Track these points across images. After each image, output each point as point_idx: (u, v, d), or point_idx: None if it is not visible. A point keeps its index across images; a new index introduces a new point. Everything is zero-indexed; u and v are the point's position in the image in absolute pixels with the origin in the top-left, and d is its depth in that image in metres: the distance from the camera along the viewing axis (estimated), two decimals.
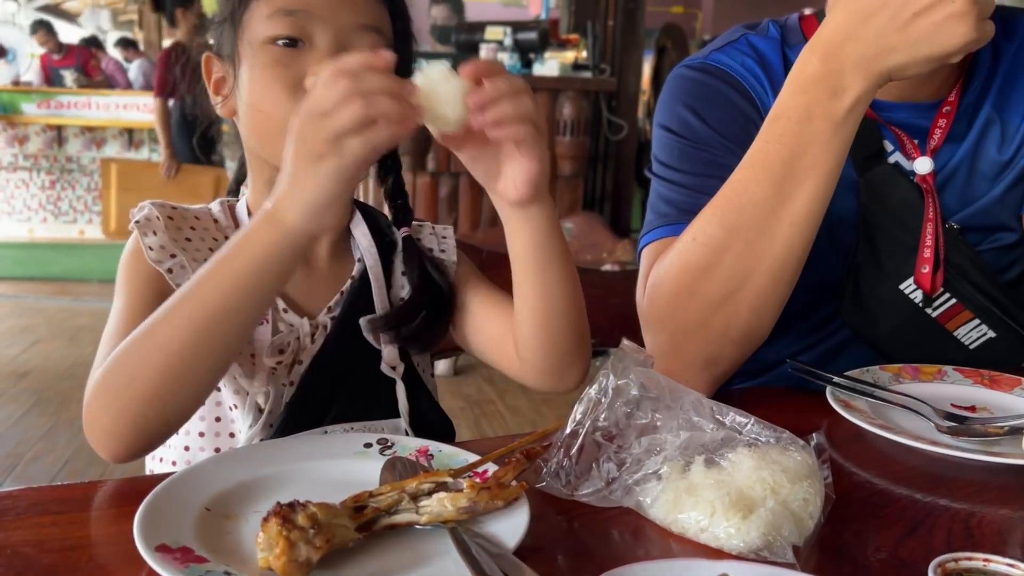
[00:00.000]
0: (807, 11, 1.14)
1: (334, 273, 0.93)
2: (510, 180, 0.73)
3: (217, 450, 0.86)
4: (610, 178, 4.77)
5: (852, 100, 0.82)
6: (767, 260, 0.86)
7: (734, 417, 0.70)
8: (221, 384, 0.85)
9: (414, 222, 0.98)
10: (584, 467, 0.68)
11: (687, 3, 12.55)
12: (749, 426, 0.69)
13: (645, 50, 5.03)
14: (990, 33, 0.77)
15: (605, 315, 1.56)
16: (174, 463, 0.87)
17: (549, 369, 0.85)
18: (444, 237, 0.99)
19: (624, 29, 4.62)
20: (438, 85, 0.66)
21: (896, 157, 1.04)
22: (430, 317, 0.91)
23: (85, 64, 7.31)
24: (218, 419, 0.87)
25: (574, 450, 0.69)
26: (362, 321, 0.89)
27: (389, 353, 0.90)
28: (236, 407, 0.85)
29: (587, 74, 4.43)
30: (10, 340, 4.19)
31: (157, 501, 0.59)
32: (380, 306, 0.91)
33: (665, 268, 0.93)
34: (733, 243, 0.87)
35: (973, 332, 1.02)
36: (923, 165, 1.02)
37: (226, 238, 0.89)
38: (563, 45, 4.92)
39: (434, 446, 0.71)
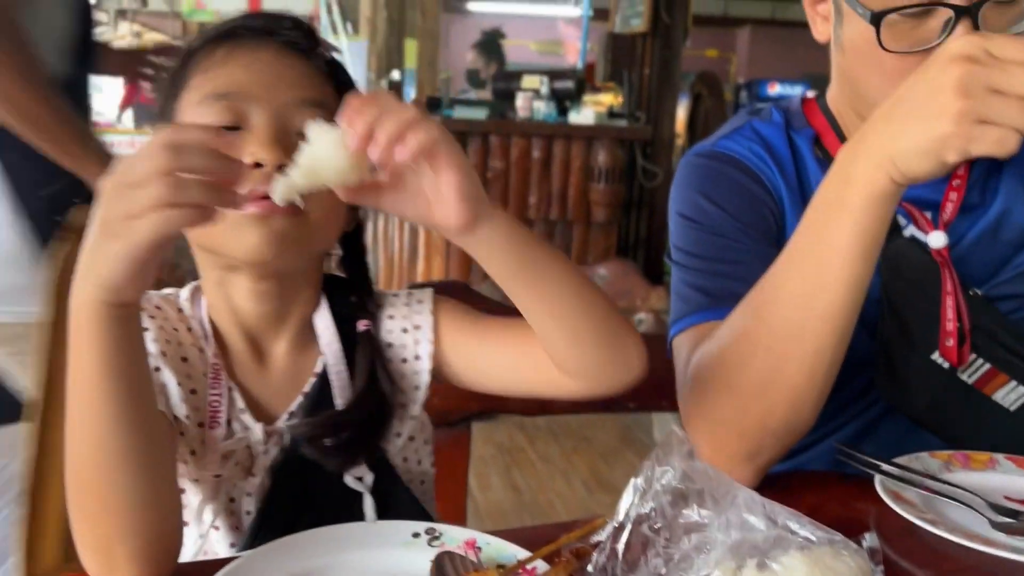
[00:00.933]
0: (809, 94, 1.16)
1: (297, 371, 0.87)
2: (443, 206, 0.66)
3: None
4: (644, 225, 4.77)
5: (864, 189, 0.80)
6: (798, 355, 0.85)
7: (786, 516, 0.69)
8: (184, 484, 0.82)
9: (390, 293, 0.94)
10: (631, 561, 0.67)
11: (721, 47, 12.63)
12: (801, 527, 0.68)
13: (680, 94, 5.06)
14: (983, 139, 0.73)
15: (644, 380, 1.56)
16: None
17: (599, 372, 0.80)
18: (420, 303, 0.92)
19: (660, 77, 4.65)
20: (315, 142, 0.63)
21: (911, 230, 1.05)
22: (361, 433, 0.84)
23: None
24: (186, 523, 0.83)
25: (620, 543, 0.69)
26: (281, 424, 0.83)
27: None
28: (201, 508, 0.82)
29: (622, 122, 4.47)
30: None
31: None
32: (343, 406, 0.85)
33: (703, 359, 0.93)
34: (763, 336, 0.87)
35: (1011, 394, 1.00)
36: (937, 239, 1.02)
37: (189, 329, 0.86)
38: (598, 90, 4.96)
39: (482, 538, 0.71)
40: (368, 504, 0.82)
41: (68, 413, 0.64)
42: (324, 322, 0.88)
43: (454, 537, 0.71)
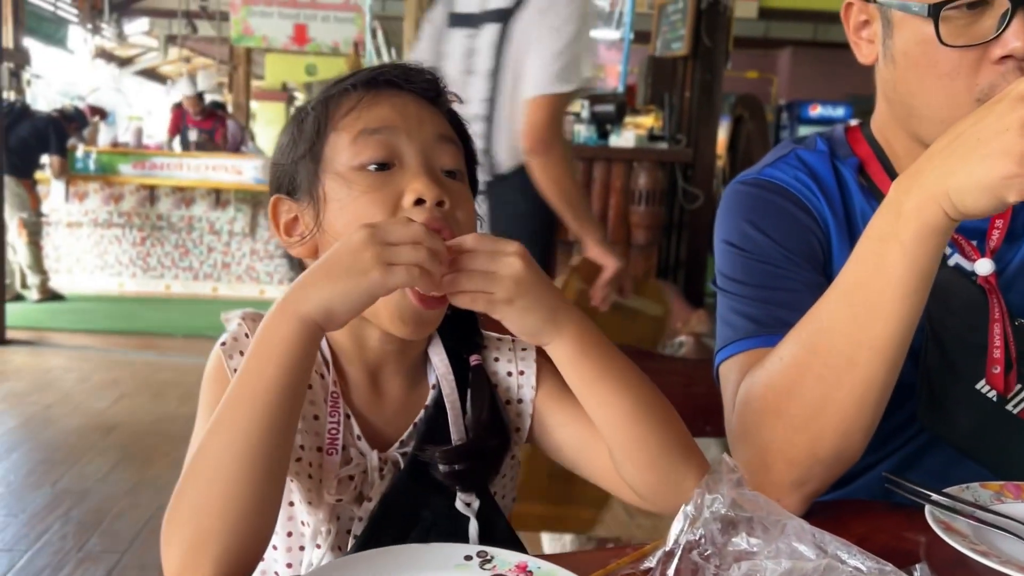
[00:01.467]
0: (853, 122, 1.16)
1: (409, 402, 0.91)
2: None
3: (289, 565, 0.85)
4: (685, 247, 4.76)
5: (917, 223, 0.81)
6: (848, 384, 0.86)
7: (836, 545, 0.69)
8: (295, 499, 0.85)
9: (495, 336, 0.97)
10: None
11: (762, 69, 12.58)
12: (851, 556, 0.68)
13: (721, 115, 5.06)
14: None
15: (688, 405, 1.56)
16: None
17: (650, 492, 0.83)
18: (524, 349, 0.95)
19: (701, 100, 4.65)
20: None
21: (956, 259, 1.04)
22: (486, 461, 0.88)
23: (215, 132, 7.76)
24: (290, 534, 0.86)
25: (670, 570, 0.69)
26: (413, 456, 0.86)
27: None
28: (306, 524, 0.84)
29: (663, 145, 4.47)
30: (99, 394, 4.36)
31: None
32: (456, 435, 0.88)
33: (752, 386, 0.93)
34: (814, 365, 0.87)
35: None
36: (983, 267, 1.02)
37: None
38: (638, 113, 4.97)
39: (533, 562, 0.72)
40: (473, 528, 0.85)
41: (227, 409, 0.70)
42: (439, 356, 0.92)
43: (506, 560, 0.72)
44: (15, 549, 2.67)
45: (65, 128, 6.66)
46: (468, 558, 0.73)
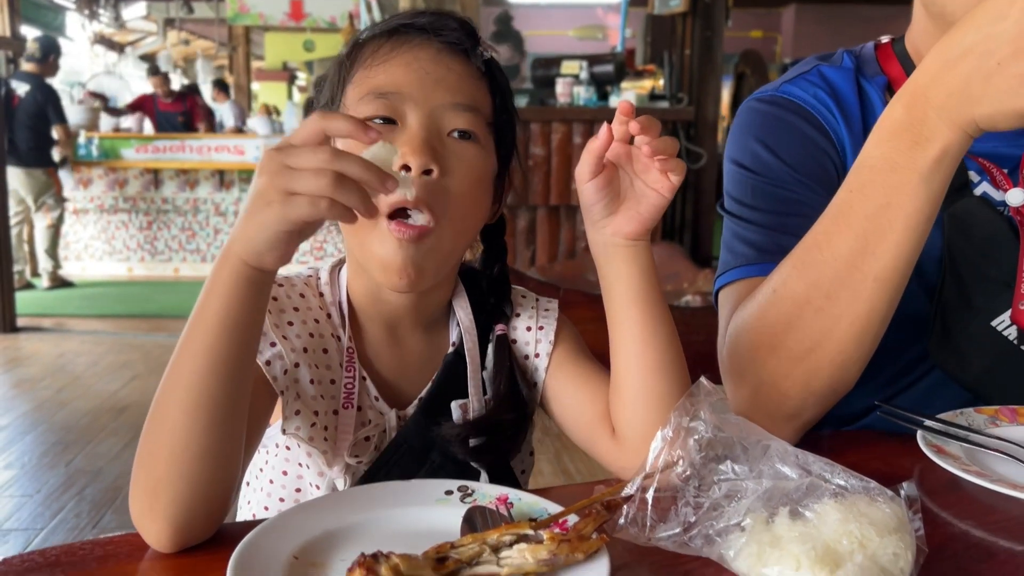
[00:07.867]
0: (884, 39, 1.09)
1: (429, 358, 0.90)
2: (633, 216, 0.79)
3: None
4: (690, 207, 4.73)
5: (938, 151, 0.76)
6: (850, 316, 0.82)
7: (820, 465, 0.68)
8: (307, 462, 0.84)
9: (520, 291, 0.96)
10: (661, 510, 0.67)
11: (766, 28, 12.42)
12: (835, 475, 0.67)
13: (724, 75, 5.00)
14: None
15: (687, 353, 1.55)
16: None
17: (637, 434, 0.81)
18: (546, 311, 0.95)
19: (702, 58, 4.60)
20: (378, 152, 0.67)
21: (983, 188, 1.00)
22: (507, 434, 0.87)
23: (192, 109, 7.73)
24: (299, 489, 0.86)
25: (649, 493, 0.68)
26: (429, 398, 0.87)
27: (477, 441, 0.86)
28: (318, 488, 0.84)
29: (664, 104, 4.43)
30: (111, 376, 4.39)
31: (249, 549, 0.61)
32: (473, 389, 0.88)
33: (745, 320, 0.90)
34: (814, 298, 0.83)
35: None
36: (1016, 196, 0.98)
37: (328, 316, 0.87)
38: (639, 75, 4.92)
39: (514, 494, 0.71)
40: (484, 477, 0.85)
41: (175, 355, 0.67)
42: (464, 310, 0.91)
43: (486, 493, 0.72)
44: (31, 528, 2.70)
45: (47, 79, 6.37)
46: (449, 492, 0.72)
